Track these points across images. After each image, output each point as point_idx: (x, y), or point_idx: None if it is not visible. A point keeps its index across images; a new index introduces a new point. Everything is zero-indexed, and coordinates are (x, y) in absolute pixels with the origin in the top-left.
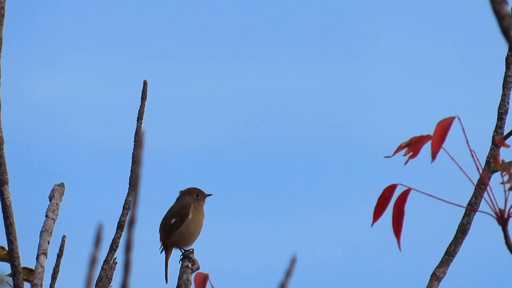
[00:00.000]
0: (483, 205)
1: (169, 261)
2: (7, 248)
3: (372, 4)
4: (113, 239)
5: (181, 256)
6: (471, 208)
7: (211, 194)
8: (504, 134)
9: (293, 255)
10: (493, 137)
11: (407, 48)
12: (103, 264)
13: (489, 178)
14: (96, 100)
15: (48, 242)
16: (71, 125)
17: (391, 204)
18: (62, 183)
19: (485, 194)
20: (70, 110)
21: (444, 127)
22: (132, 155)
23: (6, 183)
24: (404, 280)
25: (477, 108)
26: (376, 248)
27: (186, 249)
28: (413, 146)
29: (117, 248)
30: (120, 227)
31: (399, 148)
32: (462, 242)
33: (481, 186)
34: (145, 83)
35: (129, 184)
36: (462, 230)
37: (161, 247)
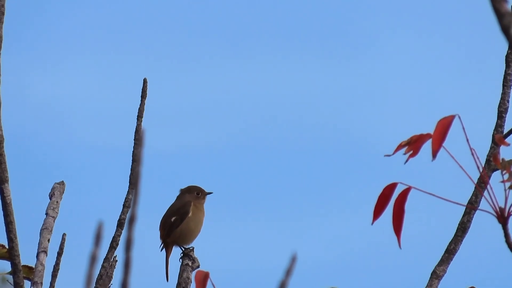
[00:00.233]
0: (483, 204)
1: (170, 259)
2: (7, 246)
3: (371, 5)
4: (113, 237)
5: (181, 254)
6: (471, 207)
7: (212, 192)
8: (504, 133)
9: (293, 254)
10: (493, 136)
11: (407, 47)
12: (103, 262)
13: (489, 177)
14: (97, 99)
15: (48, 240)
16: (72, 123)
17: (391, 203)
18: (62, 181)
19: (485, 193)
20: (70, 109)
21: (444, 126)
22: (132, 153)
23: (7, 181)
24: (404, 279)
25: (477, 107)
26: (376, 247)
27: (186, 247)
28: (413, 145)
29: (117, 246)
30: (120, 225)
31: (399, 147)
32: (462, 241)
33: (481, 185)
34: (145, 81)
35: (129, 182)
36: (462, 229)
37: (161, 245)
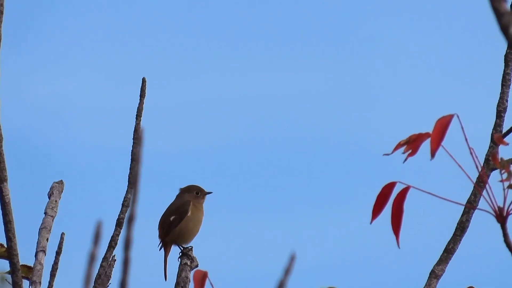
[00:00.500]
0: (482, 203)
1: (168, 259)
2: (6, 246)
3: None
4: (112, 237)
5: (180, 254)
6: (470, 206)
7: (211, 192)
8: (503, 132)
9: (292, 253)
10: (492, 135)
11: (405, 47)
12: (102, 262)
13: (488, 176)
14: (95, 98)
15: (47, 240)
16: (71, 123)
17: (390, 202)
18: (61, 181)
19: (484, 192)
20: (69, 108)
21: (443, 125)
22: (131, 153)
23: (5, 180)
24: (403, 278)
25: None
26: (375, 246)
27: (185, 247)
28: (412, 144)
29: (116, 246)
30: (119, 225)
31: (398, 146)
32: (461, 240)
33: (480, 184)
34: (144, 81)
35: (128, 182)
36: (461, 228)
37: (160, 245)
